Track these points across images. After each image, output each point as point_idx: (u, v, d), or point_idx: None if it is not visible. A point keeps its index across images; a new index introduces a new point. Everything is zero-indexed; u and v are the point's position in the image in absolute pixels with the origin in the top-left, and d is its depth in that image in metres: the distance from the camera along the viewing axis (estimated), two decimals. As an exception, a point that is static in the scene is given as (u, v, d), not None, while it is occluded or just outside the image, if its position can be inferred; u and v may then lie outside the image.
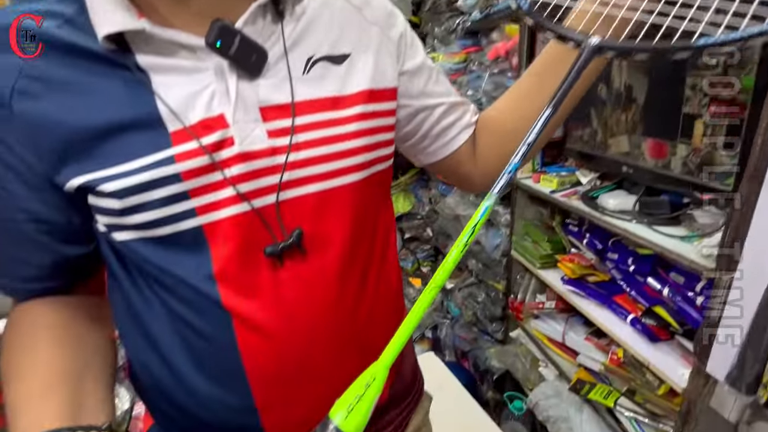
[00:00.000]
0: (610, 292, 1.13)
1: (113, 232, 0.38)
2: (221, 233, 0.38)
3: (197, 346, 0.40)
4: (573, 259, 1.21)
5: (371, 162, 0.44)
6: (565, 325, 1.34)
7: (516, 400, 1.54)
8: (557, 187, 1.27)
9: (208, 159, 0.36)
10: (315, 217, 0.41)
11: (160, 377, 0.42)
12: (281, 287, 0.40)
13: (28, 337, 0.40)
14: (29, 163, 0.36)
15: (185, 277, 0.38)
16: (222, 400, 0.41)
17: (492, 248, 1.63)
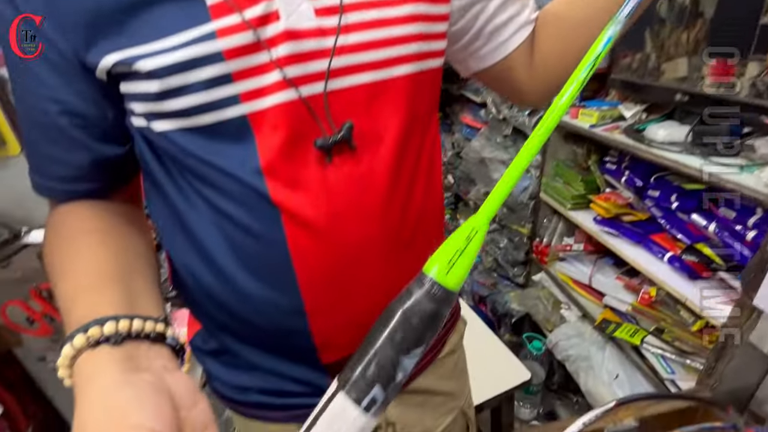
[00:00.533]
0: (647, 231, 1.08)
1: (152, 122, 0.35)
2: (267, 123, 0.34)
3: (245, 245, 0.38)
4: (609, 198, 1.15)
5: (425, 54, 0.39)
6: (592, 267, 1.31)
7: (535, 341, 1.56)
8: (597, 122, 1.18)
9: (252, 35, 0.32)
10: (366, 110, 0.37)
11: (207, 280, 0.41)
12: (330, 185, 0.37)
13: (71, 239, 0.37)
14: (60, 48, 0.32)
15: (231, 171, 0.35)
16: (270, 301, 0.40)
17: (519, 191, 1.57)
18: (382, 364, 0.20)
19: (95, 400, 0.24)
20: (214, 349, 0.48)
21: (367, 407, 0.20)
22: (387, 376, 0.20)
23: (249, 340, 0.45)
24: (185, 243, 0.41)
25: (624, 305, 1.19)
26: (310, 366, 0.45)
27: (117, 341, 0.27)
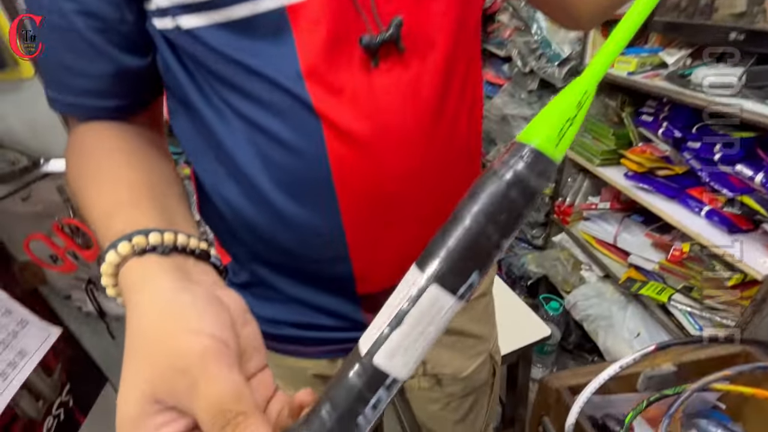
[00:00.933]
0: (683, 186, 1.03)
1: (179, 18, 0.31)
2: (307, 17, 0.31)
3: (282, 162, 0.35)
4: (644, 151, 1.09)
5: None
6: (618, 226, 1.27)
7: (552, 302, 1.54)
8: (636, 69, 1.10)
9: None
10: (416, 6, 0.33)
11: (241, 204, 0.38)
12: (376, 93, 0.33)
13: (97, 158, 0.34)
14: None
15: (268, 75, 0.32)
16: (309, 224, 0.37)
17: (543, 148, 1.51)
18: (482, 246, 0.17)
19: (149, 305, 0.22)
20: (246, 281, 0.46)
21: (462, 295, 0.18)
22: (485, 259, 0.17)
23: (283, 269, 0.42)
24: (217, 164, 0.37)
25: (651, 264, 1.16)
26: (346, 298, 0.43)
27: (164, 252, 0.25)
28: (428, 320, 0.17)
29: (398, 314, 0.18)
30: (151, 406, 0.19)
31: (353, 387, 0.17)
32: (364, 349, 0.18)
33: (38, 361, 0.64)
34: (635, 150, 1.14)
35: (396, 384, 0.18)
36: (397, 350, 0.17)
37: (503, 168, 0.18)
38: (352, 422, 0.17)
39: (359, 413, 0.17)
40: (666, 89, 0.98)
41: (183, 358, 0.19)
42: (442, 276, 0.17)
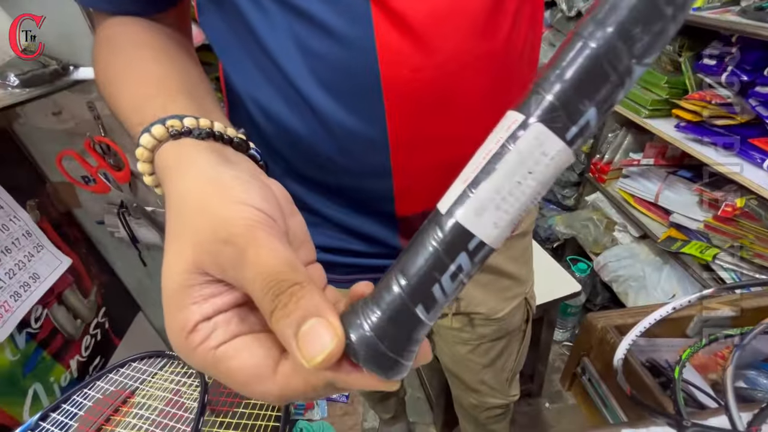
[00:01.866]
0: (744, 136, 0.95)
1: None
2: None
3: (325, 52, 0.31)
4: (705, 96, 1.00)
5: None
6: (661, 184, 1.20)
7: (580, 263, 1.50)
8: (704, 4, 0.99)
9: None
10: None
11: (277, 108, 0.34)
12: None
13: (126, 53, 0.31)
14: None
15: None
16: (351, 128, 0.33)
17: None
18: (606, 72, 0.13)
19: (191, 181, 0.19)
20: None
21: (572, 140, 0.14)
22: (610, 91, 0.13)
23: (319, 186, 0.39)
24: (251, 63, 0.34)
25: (695, 223, 1.09)
26: (383, 220, 0.40)
27: (200, 136, 0.22)
28: (528, 168, 0.13)
29: (491, 160, 0.14)
30: (196, 278, 0.17)
31: (429, 251, 0.14)
32: (444, 208, 0.14)
33: (48, 287, 0.64)
34: (693, 96, 1.04)
35: (482, 249, 0.14)
36: (487, 205, 0.14)
37: None
38: (428, 295, 0.14)
39: (436, 282, 0.14)
40: (739, 24, 0.87)
41: (228, 227, 0.17)
42: (551, 110, 0.13)
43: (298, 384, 0.16)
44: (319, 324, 0.14)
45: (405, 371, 0.15)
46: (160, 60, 0.30)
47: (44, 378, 0.67)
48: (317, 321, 0.14)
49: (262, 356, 0.16)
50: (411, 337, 0.15)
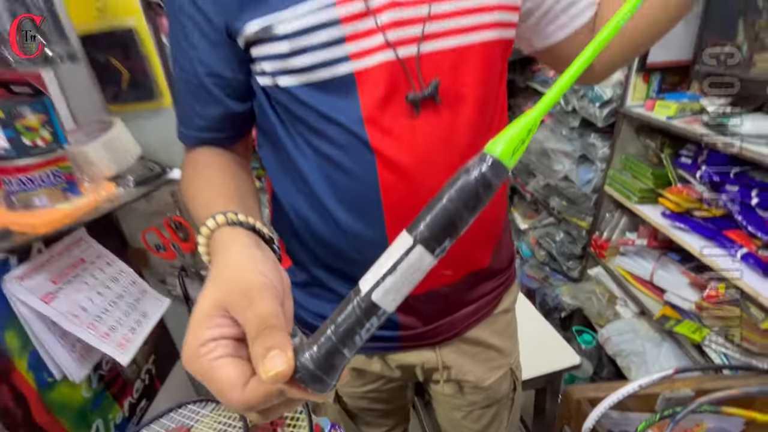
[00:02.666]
0: (719, 227, 1.06)
1: (278, 78, 0.43)
2: (369, 79, 0.41)
3: (343, 184, 0.45)
4: (681, 191, 1.13)
5: (502, 24, 0.45)
6: (655, 264, 1.29)
7: (585, 334, 1.55)
8: (675, 114, 1.16)
9: (363, 5, 0.39)
10: (451, 71, 0.43)
11: (308, 215, 0.48)
12: (418, 134, 0.43)
13: (202, 171, 0.47)
14: (214, 22, 0.42)
15: (338, 119, 0.42)
16: (361, 232, 0.47)
17: (583, 183, 1.57)
18: (453, 220, 0.23)
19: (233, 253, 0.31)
20: (304, 281, 0.56)
21: (437, 254, 0.24)
22: (456, 229, 0.24)
23: (337, 272, 0.52)
24: (292, 184, 0.49)
25: (687, 303, 1.17)
26: None
27: (245, 227, 0.34)
28: (414, 271, 0.24)
29: (393, 265, 0.24)
30: (216, 310, 0.26)
31: (353, 315, 0.22)
32: (365, 289, 0.23)
33: (155, 323, 0.80)
34: (673, 190, 1.18)
35: (384, 315, 0.24)
36: (390, 290, 0.23)
37: (473, 168, 0.24)
38: (350, 340, 0.22)
39: (357, 334, 0.22)
40: (704, 135, 1.03)
41: (248, 285, 0.26)
42: (425, 240, 0.23)
43: (259, 392, 0.23)
44: (279, 353, 0.22)
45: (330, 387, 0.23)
46: (225, 177, 0.46)
47: (105, 415, 0.80)
48: (278, 351, 0.22)
49: (239, 373, 0.24)
50: (335, 366, 0.22)
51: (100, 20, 0.70)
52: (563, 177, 1.68)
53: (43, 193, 0.61)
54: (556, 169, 1.70)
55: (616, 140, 1.39)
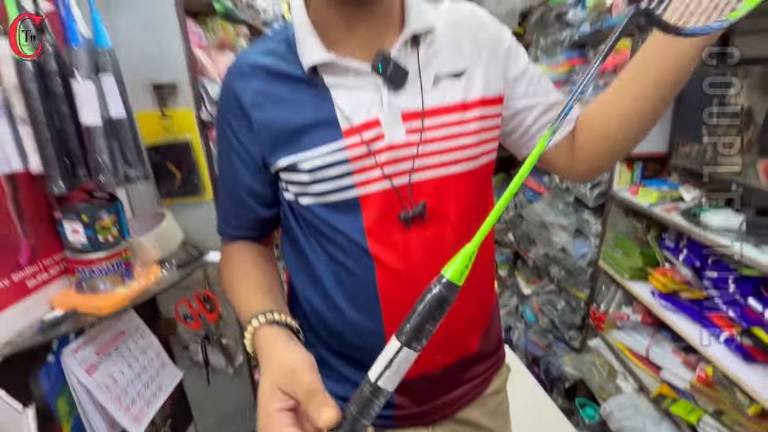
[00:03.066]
0: (704, 309, 1.13)
1: (300, 198, 0.53)
2: (371, 202, 0.51)
3: (348, 282, 0.54)
4: (666, 273, 1.22)
5: (481, 154, 0.54)
6: (650, 340, 1.34)
7: (587, 407, 1.56)
8: (656, 201, 1.28)
9: (366, 149, 0.49)
10: (436, 195, 0.52)
11: (320, 306, 0.57)
12: (410, 244, 0.52)
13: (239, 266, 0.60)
14: (253, 154, 0.53)
15: (345, 232, 0.52)
16: (362, 323, 0.55)
17: (578, 256, 1.66)
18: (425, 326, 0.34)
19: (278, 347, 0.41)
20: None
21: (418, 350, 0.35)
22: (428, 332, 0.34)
23: (340, 354, 0.59)
24: (307, 279, 0.58)
25: (682, 382, 1.20)
26: None
27: (279, 324, 0.45)
28: (403, 363, 0.35)
29: (388, 361, 0.35)
30: (275, 390, 0.36)
31: (367, 396, 0.33)
32: (372, 378, 0.33)
33: (168, 395, 0.89)
34: (659, 270, 1.26)
35: (388, 394, 0.33)
36: (390, 378, 0.33)
37: (433, 287, 0.35)
38: (366, 414, 0.32)
39: (371, 409, 0.33)
40: (679, 224, 1.14)
41: (293, 368, 0.37)
42: (409, 342, 0.34)
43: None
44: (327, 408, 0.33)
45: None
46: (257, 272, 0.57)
47: (125, 478, 0.87)
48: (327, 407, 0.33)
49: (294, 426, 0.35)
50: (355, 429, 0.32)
51: (164, 135, 0.88)
52: (561, 249, 1.78)
53: (107, 279, 0.74)
54: (554, 241, 1.80)
55: (607, 219, 1.50)
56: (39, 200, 0.70)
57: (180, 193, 0.92)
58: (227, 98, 0.53)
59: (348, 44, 0.51)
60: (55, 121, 0.65)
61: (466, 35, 0.55)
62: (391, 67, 0.49)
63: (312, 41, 0.50)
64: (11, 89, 0.63)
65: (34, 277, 0.70)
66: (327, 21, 0.50)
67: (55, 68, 0.62)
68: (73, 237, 0.71)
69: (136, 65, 0.83)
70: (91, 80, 0.63)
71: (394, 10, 0.52)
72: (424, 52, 0.53)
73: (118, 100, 0.67)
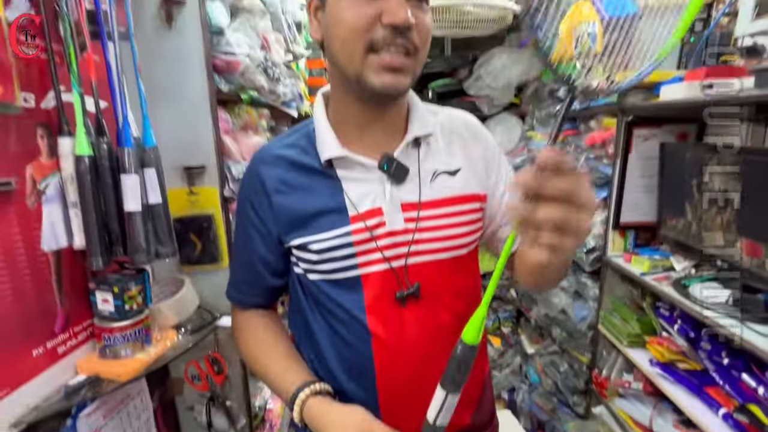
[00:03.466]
0: (702, 382, 1.13)
1: (308, 274, 0.60)
2: (371, 282, 0.58)
3: (346, 354, 0.60)
4: (662, 343, 1.24)
5: (470, 243, 0.63)
6: (653, 410, 1.33)
7: (595, 481, 1.50)
8: (648, 270, 1.33)
9: (368, 234, 0.57)
10: (429, 277, 0.60)
11: (320, 372, 0.63)
12: (404, 321, 0.59)
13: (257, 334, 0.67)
14: (270, 231, 0.61)
15: (347, 308, 0.59)
16: (357, 393, 0.60)
17: (578, 320, 1.68)
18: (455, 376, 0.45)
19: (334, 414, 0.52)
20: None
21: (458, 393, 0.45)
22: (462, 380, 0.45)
23: None
24: (309, 344, 0.64)
25: (687, 457, 1.18)
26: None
27: (321, 393, 0.55)
28: (450, 405, 0.45)
29: (440, 405, 0.46)
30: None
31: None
32: (431, 419, 0.46)
33: None
34: (656, 339, 1.28)
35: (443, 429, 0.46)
36: (443, 417, 0.45)
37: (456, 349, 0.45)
38: None
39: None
40: (670, 295, 1.18)
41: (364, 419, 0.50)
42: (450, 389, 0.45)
43: None
44: None
45: None
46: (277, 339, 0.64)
47: None
48: None
49: None
50: None
51: (190, 209, 0.98)
52: (561, 310, 1.80)
53: (129, 345, 0.80)
54: (554, 302, 1.83)
55: (604, 284, 1.55)
56: (77, 272, 0.79)
57: (199, 261, 1.00)
58: (251, 179, 0.61)
59: (360, 142, 0.60)
60: (101, 205, 0.75)
61: (461, 140, 0.66)
62: (394, 166, 0.58)
63: (330, 138, 0.59)
64: (68, 179, 0.74)
65: (64, 343, 0.77)
66: (343, 122, 0.60)
67: (107, 164, 0.73)
68: (103, 306, 0.78)
69: (171, 151, 0.95)
70: (136, 174, 0.74)
71: (401, 117, 0.62)
72: (424, 152, 0.62)
73: (157, 189, 0.78)
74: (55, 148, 0.73)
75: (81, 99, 0.73)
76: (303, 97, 1.54)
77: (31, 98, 0.71)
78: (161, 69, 0.93)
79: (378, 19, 0.49)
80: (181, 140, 0.95)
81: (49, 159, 0.73)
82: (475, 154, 0.65)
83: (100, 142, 0.74)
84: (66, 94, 0.74)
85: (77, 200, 0.74)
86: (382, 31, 0.49)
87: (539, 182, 0.36)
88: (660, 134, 1.42)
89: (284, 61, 1.35)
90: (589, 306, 1.66)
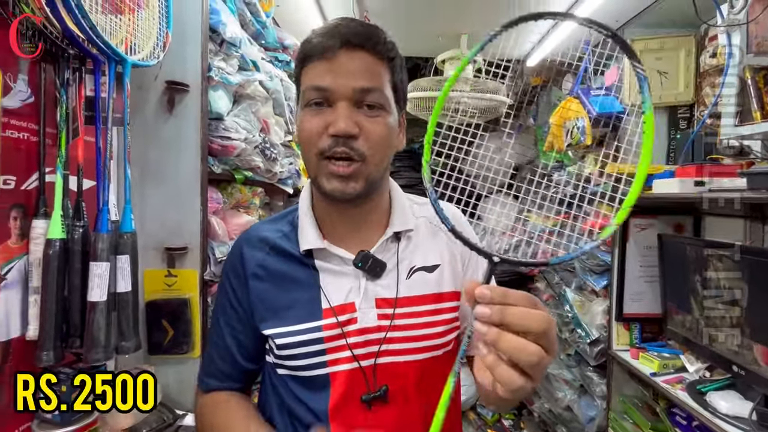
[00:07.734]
0: None
1: (277, 369, 0.58)
2: (339, 381, 0.55)
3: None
4: (683, 461, 1.10)
5: (445, 344, 0.59)
6: None
7: None
8: (659, 370, 1.23)
9: (339, 329, 0.55)
10: (400, 379, 0.56)
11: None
12: (370, 425, 0.54)
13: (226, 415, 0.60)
14: (247, 312, 0.59)
15: (312, 409, 0.56)
16: None
17: (586, 420, 1.52)
18: None
19: None
20: None
21: None
22: None
23: None
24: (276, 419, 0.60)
25: None
26: None
27: None
28: None
29: None
30: None
31: None
32: None
33: None
34: (675, 455, 1.14)
35: None
36: None
37: None
38: None
39: None
40: (686, 403, 1.07)
41: None
42: None
43: None
44: None
45: None
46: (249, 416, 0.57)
47: None
48: None
49: None
50: None
51: (165, 293, 0.92)
52: (566, 407, 1.64)
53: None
54: (559, 397, 1.67)
55: (611, 380, 1.42)
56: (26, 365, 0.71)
57: (168, 350, 0.91)
58: (234, 258, 0.61)
59: (339, 235, 0.59)
60: (64, 291, 0.70)
61: (442, 237, 0.64)
62: (370, 262, 0.57)
63: (310, 229, 0.59)
64: (34, 262, 0.70)
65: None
66: (324, 215, 0.60)
67: (78, 248, 0.70)
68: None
69: (154, 231, 0.92)
70: (107, 262, 0.70)
71: (380, 211, 0.62)
72: (404, 246, 0.61)
73: (128, 276, 0.73)
74: (27, 230, 0.70)
75: (64, 181, 0.71)
76: (300, 173, 1.55)
77: (12, 180, 0.69)
78: (156, 151, 0.93)
79: (325, 130, 0.52)
80: (166, 220, 0.92)
81: (17, 242, 0.69)
82: (457, 250, 0.64)
83: (75, 225, 0.71)
84: (50, 175, 0.72)
85: (39, 285, 0.69)
86: (328, 140, 0.52)
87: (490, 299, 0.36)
88: (657, 224, 1.41)
89: (283, 141, 1.38)
90: (597, 405, 1.51)
